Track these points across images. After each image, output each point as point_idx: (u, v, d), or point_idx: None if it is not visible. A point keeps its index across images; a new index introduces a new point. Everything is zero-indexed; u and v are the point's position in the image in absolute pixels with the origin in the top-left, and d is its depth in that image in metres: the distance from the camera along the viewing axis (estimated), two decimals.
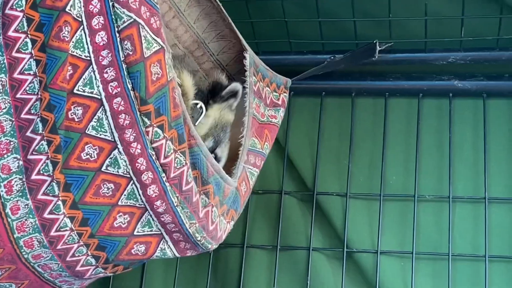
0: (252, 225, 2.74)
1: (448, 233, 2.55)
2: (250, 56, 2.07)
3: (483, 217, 2.54)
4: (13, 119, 1.55)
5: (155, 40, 1.62)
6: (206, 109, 2.01)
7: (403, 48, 2.65)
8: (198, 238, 1.81)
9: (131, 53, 1.60)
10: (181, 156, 1.71)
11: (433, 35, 2.57)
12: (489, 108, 2.69)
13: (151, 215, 1.72)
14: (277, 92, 2.27)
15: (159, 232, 1.77)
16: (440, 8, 2.54)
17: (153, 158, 1.65)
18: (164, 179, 1.68)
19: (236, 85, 2.05)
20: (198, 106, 1.99)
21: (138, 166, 1.64)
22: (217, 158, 2.01)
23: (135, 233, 1.73)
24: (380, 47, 2.38)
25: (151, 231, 1.75)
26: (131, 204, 1.68)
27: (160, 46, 1.64)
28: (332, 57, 2.33)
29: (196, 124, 1.96)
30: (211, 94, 2.06)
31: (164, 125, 1.65)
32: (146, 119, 1.62)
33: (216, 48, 2.21)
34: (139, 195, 1.68)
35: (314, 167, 2.74)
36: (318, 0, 2.52)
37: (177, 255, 1.86)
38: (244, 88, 2.06)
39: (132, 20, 1.59)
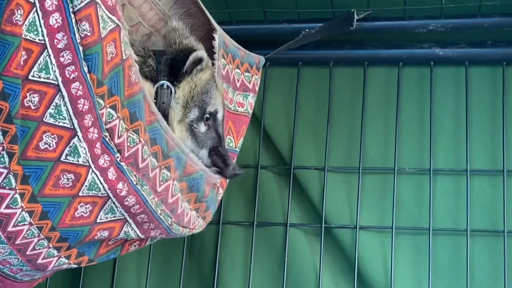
0: (228, 201, 2.68)
1: (429, 207, 2.50)
2: (219, 37, 1.98)
3: (465, 190, 2.49)
4: None
5: (110, 18, 1.54)
6: (174, 91, 1.90)
7: (382, 15, 2.54)
8: (159, 212, 1.76)
9: (89, 34, 1.50)
10: (133, 135, 1.65)
11: (412, 2, 2.47)
12: (472, 77, 2.62)
13: (114, 202, 1.66)
14: (249, 72, 2.19)
15: (123, 217, 1.71)
16: None
17: (107, 139, 1.58)
18: (118, 159, 1.61)
19: (196, 55, 1.90)
20: (165, 86, 1.89)
21: (96, 151, 1.56)
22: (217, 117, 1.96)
23: (97, 220, 1.66)
24: (358, 15, 2.30)
25: (115, 217, 1.70)
26: (93, 194, 1.60)
27: (116, 25, 1.56)
28: (308, 30, 2.25)
29: (170, 106, 1.87)
30: (172, 70, 1.95)
31: (117, 105, 1.59)
32: (101, 101, 1.55)
33: None
34: (101, 183, 1.60)
35: (291, 140, 2.67)
36: None
37: (141, 236, 1.81)
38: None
39: None
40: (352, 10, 2.30)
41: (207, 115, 1.93)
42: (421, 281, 2.48)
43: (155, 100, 1.83)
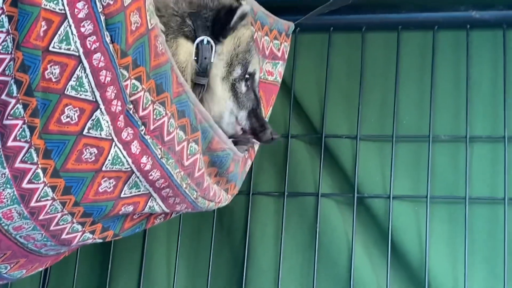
0: (258, 171, 2.63)
1: (465, 175, 2.43)
2: (247, 2, 1.91)
3: (502, 158, 2.41)
4: None
5: None
6: (216, 47, 1.85)
7: None
8: (184, 186, 1.73)
9: (111, 2, 1.46)
10: (159, 107, 1.60)
11: None
12: (510, 40, 2.52)
13: (138, 177, 1.62)
14: (278, 39, 2.13)
15: (147, 192, 1.67)
16: None
17: (131, 112, 1.54)
18: (143, 132, 1.57)
19: (243, 9, 1.84)
20: (205, 42, 1.83)
21: (119, 124, 1.52)
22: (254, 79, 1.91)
23: (122, 195, 1.63)
24: None
25: (139, 191, 1.66)
26: (117, 169, 1.56)
27: None
28: None
29: (212, 62, 1.83)
30: (216, 26, 1.88)
31: (142, 77, 1.54)
32: (125, 72, 1.50)
33: None
34: (124, 157, 1.55)
35: (322, 108, 2.60)
36: None
37: (166, 210, 1.78)
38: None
39: None
40: None
41: (247, 75, 1.90)
42: (457, 252, 2.41)
43: (195, 58, 1.80)
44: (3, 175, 1.46)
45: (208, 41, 1.83)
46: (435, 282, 2.39)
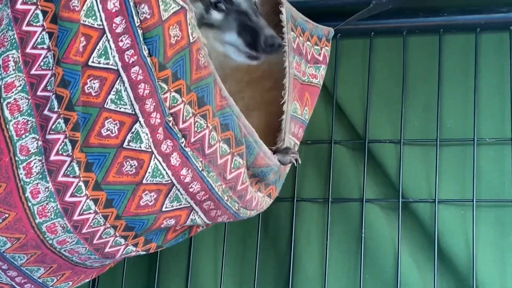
0: (302, 177, 2.62)
1: (511, 178, 2.39)
2: (286, 10, 1.92)
3: None
4: (29, 97, 1.46)
5: (173, 0, 1.52)
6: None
7: None
8: (225, 199, 1.73)
9: (148, 17, 1.49)
10: (201, 119, 1.61)
11: None
12: None
13: (178, 189, 1.63)
14: (318, 45, 2.13)
15: (189, 205, 1.69)
16: None
17: (170, 124, 1.56)
18: (183, 144, 1.59)
19: None
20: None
21: (158, 136, 1.54)
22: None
23: (163, 209, 1.64)
24: None
25: (180, 205, 1.67)
26: (157, 182, 1.58)
27: (180, 7, 1.53)
28: None
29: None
30: None
31: (182, 89, 1.56)
32: (164, 85, 1.53)
33: None
34: (164, 169, 1.57)
35: (365, 113, 2.59)
36: None
37: (208, 222, 1.79)
38: (282, 46, 1.87)
39: None
40: None
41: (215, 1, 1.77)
42: (505, 256, 2.38)
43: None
44: (47, 189, 1.49)
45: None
46: (483, 287, 2.35)
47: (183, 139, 1.59)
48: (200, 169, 1.64)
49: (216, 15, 1.78)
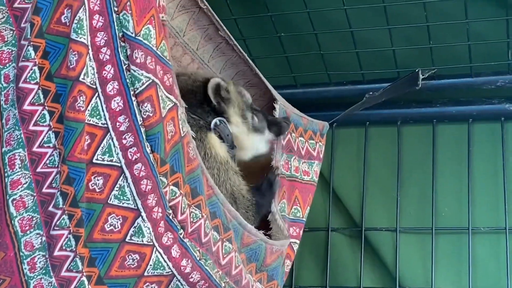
0: (300, 265, 2.65)
1: (506, 267, 2.41)
2: (280, 106, 1.99)
3: None
4: (35, 194, 1.49)
5: (168, 98, 1.57)
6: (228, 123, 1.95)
7: (447, 73, 2.52)
8: (223, 286, 1.75)
9: (151, 114, 1.53)
10: (196, 210, 1.66)
11: (478, 58, 2.44)
12: None
13: (179, 280, 1.65)
14: (313, 139, 2.19)
15: None
16: (483, 30, 2.40)
17: (170, 217, 1.59)
18: (182, 235, 1.62)
19: (211, 86, 1.91)
20: (217, 123, 1.91)
21: (159, 230, 1.57)
22: None
23: None
24: (423, 75, 2.27)
25: None
26: (158, 274, 1.61)
27: (173, 103, 1.59)
28: (372, 93, 2.23)
29: (233, 133, 1.92)
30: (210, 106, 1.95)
31: (179, 182, 1.60)
32: (164, 179, 1.57)
33: None
34: (165, 261, 1.60)
35: (361, 201, 2.63)
36: (354, 30, 2.41)
37: None
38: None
39: (150, 81, 1.53)
40: (416, 70, 2.27)
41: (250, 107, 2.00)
42: None
43: (222, 140, 1.89)
44: (50, 284, 1.51)
45: (220, 121, 1.91)
46: None
47: (181, 231, 1.62)
48: (198, 258, 1.66)
49: (255, 119, 1.99)
